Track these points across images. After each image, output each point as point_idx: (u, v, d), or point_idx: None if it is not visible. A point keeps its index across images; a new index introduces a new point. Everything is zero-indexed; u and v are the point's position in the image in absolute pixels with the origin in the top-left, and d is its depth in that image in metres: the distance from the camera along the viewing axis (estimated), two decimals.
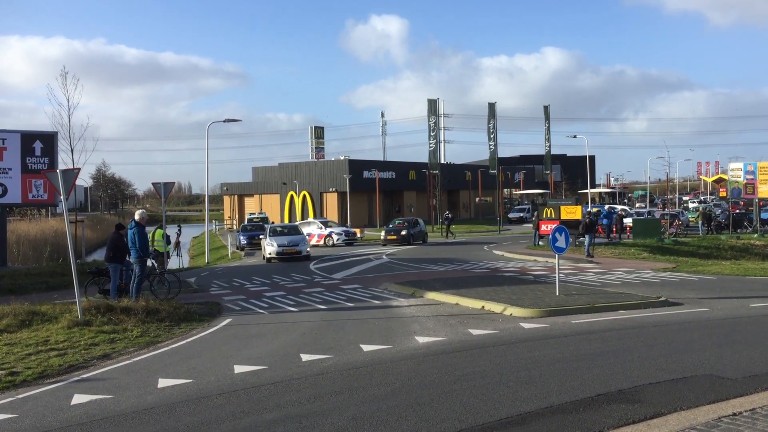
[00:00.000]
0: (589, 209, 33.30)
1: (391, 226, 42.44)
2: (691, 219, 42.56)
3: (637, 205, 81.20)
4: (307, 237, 33.60)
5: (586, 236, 27.27)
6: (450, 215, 49.19)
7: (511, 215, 64.88)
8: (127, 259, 16.04)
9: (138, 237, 15.57)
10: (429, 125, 59.00)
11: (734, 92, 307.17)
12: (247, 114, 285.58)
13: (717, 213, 47.93)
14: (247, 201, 75.13)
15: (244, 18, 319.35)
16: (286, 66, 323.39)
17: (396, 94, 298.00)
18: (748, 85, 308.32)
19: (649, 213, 49.96)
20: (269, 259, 30.19)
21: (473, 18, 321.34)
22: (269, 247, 30.33)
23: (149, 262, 16.79)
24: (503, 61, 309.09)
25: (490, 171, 57.98)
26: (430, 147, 59.18)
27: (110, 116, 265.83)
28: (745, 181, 41.17)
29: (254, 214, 57.21)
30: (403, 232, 39.48)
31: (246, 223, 49.20)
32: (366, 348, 10.81)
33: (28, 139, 24.96)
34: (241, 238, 41.66)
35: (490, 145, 58.12)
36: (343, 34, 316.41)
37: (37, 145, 24.94)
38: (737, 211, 46.59)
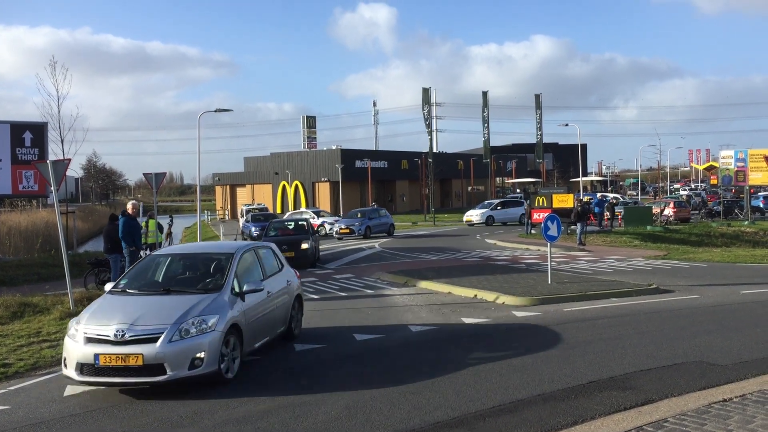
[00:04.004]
0: (579, 197, 33.37)
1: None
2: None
3: (629, 192, 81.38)
4: None
5: (578, 224, 27.33)
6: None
7: None
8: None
9: (128, 228, 15.50)
10: (424, 114, 59.01)
11: (724, 80, 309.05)
12: (237, 103, 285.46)
13: (697, 202, 48.30)
14: (239, 191, 74.95)
15: (232, 6, 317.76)
16: (274, 55, 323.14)
17: (385, 82, 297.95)
18: (738, 72, 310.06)
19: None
20: None
21: (462, 6, 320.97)
22: None
23: (141, 253, 16.72)
24: (492, 49, 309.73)
25: (484, 160, 58.01)
26: (428, 136, 59.21)
27: (98, 106, 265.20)
28: (736, 169, 41.33)
29: (251, 205, 55.41)
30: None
31: (249, 213, 45.58)
32: (359, 337, 10.83)
33: (17, 129, 24.82)
34: (252, 228, 38.01)
35: (484, 134, 58.15)
36: (331, 22, 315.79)
37: (27, 136, 24.81)
38: (716, 200, 47.01)
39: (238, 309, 8.66)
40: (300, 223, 26.47)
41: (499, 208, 43.69)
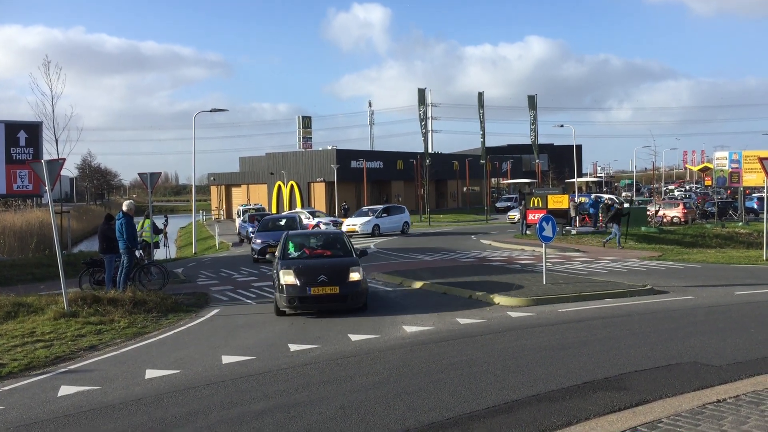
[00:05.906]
0: (574, 198, 33.39)
1: None
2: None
3: (624, 194, 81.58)
4: None
5: (615, 225, 26.96)
6: (347, 207, 49.53)
7: (498, 204, 65.05)
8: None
9: (126, 227, 15.49)
10: (420, 114, 59.08)
11: (718, 81, 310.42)
12: (231, 104, 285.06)
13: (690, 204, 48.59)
14: (235, 191, 74.86)
15: (226, 6, 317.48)
16: (268, 55, 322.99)
17: (380, 83, 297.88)
18: (732, 74, 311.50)
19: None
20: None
21: (456, 6, 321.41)
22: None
23: (137, 253, 16.70)
24: (487, 50, 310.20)
25: (481, 161, 58.07)
26: (423, 137, 59.29)
27: (91, 106, 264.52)
28: (731, 170, 41.46)
29: (248, 205, 52.89)
30: None
31: (246, 213, 41.11)
32: (354, 338, 10.83)
33: (12, 128, 24.67)
34: (249, 228, 33.07)
35: (480, 134, 58.17)
36: (325, 23, 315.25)
37: (22, 135, 24.67)
38: (709, 201, 47.25)
39: None
40: (334, 235, 16.98)
41: (385, 215, 37.70)
